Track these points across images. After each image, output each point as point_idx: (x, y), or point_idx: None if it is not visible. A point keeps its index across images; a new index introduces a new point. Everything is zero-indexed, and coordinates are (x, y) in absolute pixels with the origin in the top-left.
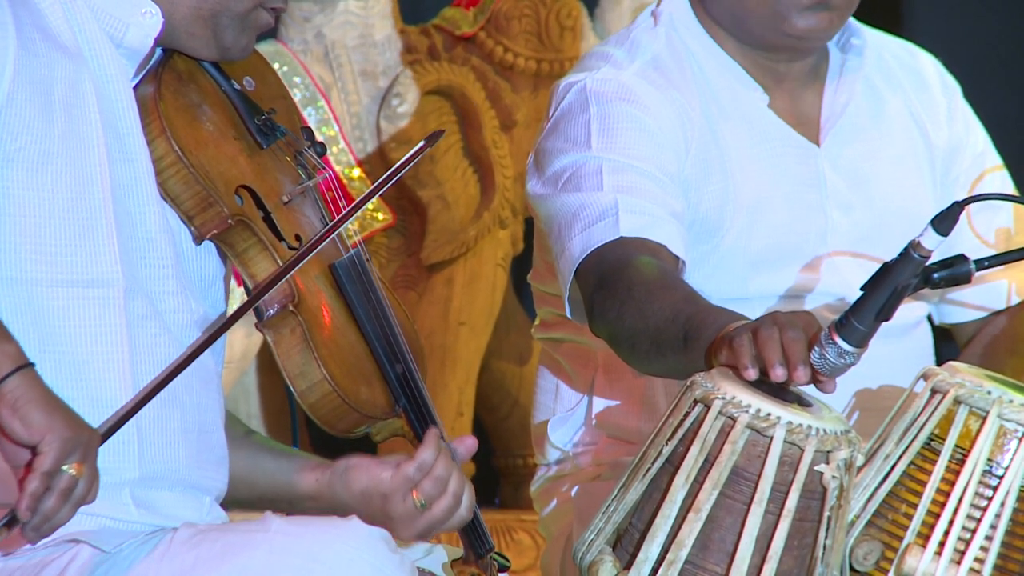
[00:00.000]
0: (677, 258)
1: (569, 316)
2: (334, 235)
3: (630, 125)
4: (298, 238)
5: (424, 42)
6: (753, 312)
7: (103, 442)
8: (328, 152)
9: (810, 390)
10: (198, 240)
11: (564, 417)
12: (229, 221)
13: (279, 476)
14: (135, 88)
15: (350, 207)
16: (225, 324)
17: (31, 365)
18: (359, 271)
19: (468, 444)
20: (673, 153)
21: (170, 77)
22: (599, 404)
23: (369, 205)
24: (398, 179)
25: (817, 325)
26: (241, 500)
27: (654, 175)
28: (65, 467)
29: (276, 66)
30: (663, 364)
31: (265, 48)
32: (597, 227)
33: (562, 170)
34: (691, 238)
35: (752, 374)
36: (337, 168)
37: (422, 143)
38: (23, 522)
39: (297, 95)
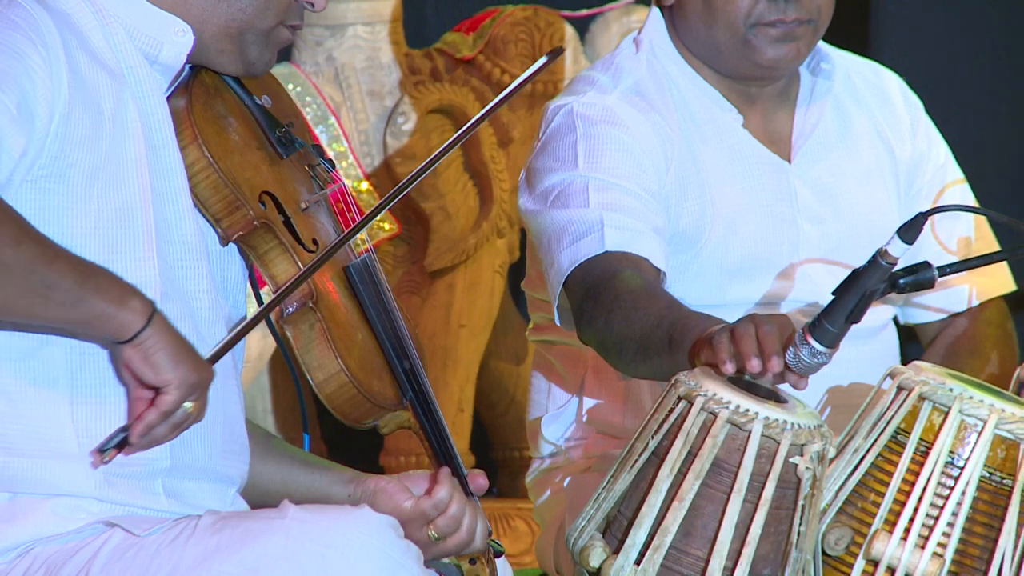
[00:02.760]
0: (658, 270)
1: (558, 323)
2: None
3: (614, 146)
4: (315, 242)
5: (427, 65)
6: (731, 318)
7: (217, 360)
8: (338, 166)
9: (785, 387)
10: (224, 242)
11: (556, 414)
12: (254, 223)
13: (315, 488)
14: (167, 100)
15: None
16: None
17: (156, 309)
18: (371, 273)
19: (480, 483)
20: (654, 171)
21: (200, 90)
22: (589, 402)
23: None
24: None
25: (792, 327)
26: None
27: (637, 193)
28: (185, 405)
29: (290, 87)
30: (649, 367)
31: (280, 70)
32: (584, 241)
33: (551, 187)
34: (672, 249)
35: (730, 368)
36: (346, 181)
37: (544, 59)
38: (131, 443)
39: (309, 113)
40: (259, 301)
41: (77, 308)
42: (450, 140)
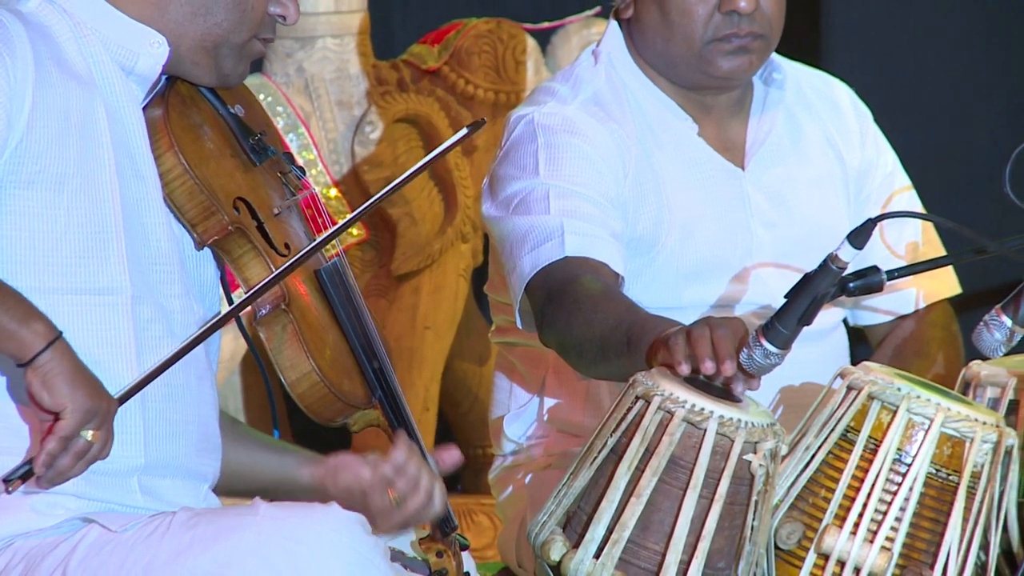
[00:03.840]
0: (617, 274)
1: (519, 326)
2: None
3: (573, 154)
4: (287, 246)
5: (394, 75)
6: (687, 320)
7: (120, 405)
8: (308, 174)
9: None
10: (199, 246)
11: (518, 413)
12: (229, 228)
13: (282, 471)
14: (143, 110)
15: (362, 207)
16: (229, 313)
17: (59, 338)
18: (341, 277)
19: (451, 456)
20: (612, 179)
21: (176, 100)
22: (549, 401)
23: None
24: (422, 169)
25: (745, 329)
26: (240, 490)
27: (595, 200)
28: (83, 433)
29: (261, 97)
30: (608, 367)
31: (251, 81)
32: (545, 247)
33: (513, 195)
34: (629, 253)
35: (684, 369)
36: (316, 188)
37: (465, 130)
38: (37, 475)
39: (280, 123)
40: (230, 303)
41: None
42: (379, 193)
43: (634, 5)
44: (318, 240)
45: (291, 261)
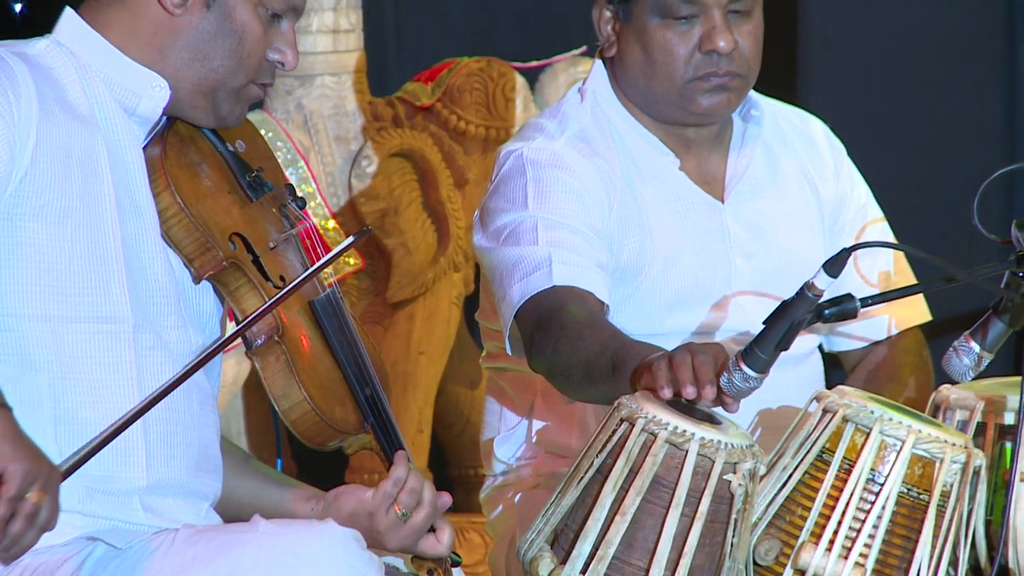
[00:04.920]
0: (602, 302)
1: (509, 352)
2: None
3: (560, 188)
4: (282, 279)
5: (389, 112)
6: (669, 346)
7: (74, 471)
8: (307, 206)
9: (718, 409)
10: (197, 280)
11: (508, 435)
12: (224, 263)
13: (282, 505)
14: (143, 149)
15: (316, 265)
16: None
17: (6, 408)
18: (334, 307)
19: (444, 500)
20: (598, 211)
21: (174, 140)
22: (538, 424)
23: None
24: (327, 264)
25: (726, 354)
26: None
27: (582, 231)
28: (27, 495)
29: (262, 132)
30: (594, 391)
31: (253, 117)
32: (534, 276)
33: (503, 226)
34: (614, 283)
35: (667, 393)
36: (315, 220)
37: (351, 238)
38: None
39: (280, 157)
40: (243, 336)
41: None
42: (293, 282)
43: (617, 44)
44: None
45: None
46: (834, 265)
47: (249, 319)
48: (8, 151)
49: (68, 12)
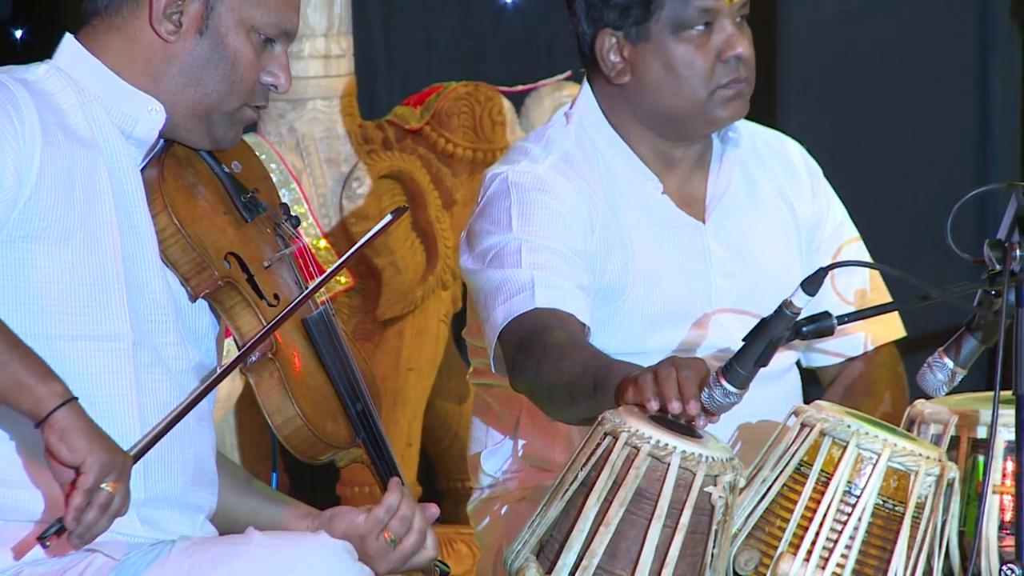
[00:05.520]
0: (583, 324)
1: (493, 371)
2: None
3: (544, 211)
4: (276, 296)
5: (379, 135)
6: (651, 362)
7: (133, 464)
8: (300, 225)
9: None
10: (193, 298)
11: (494, 449)
12: (219, 282)
13: (278, 521)
14: (142, 171)
15: (327, 272)
16: (231, 365)
17: (75, 399)
18: (327, 325)
19: (431, 512)
20: (581, 234)
21: (171, 162)
22: (523, 439)
23: None
24: (365, 246)
25: (707, 370)
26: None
27: (564, 254)
28: (103, 485)
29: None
30: (576, 410)
31: (247, 139)
32: (517, 299)
33: (488, 248)
34: (597, 302)
35: (654, 406)
36: (307, 239)
37: (388, 217)
38: (69, 531)
39: (274, 178)
40: (239, 348)
41: (0, 371)
42: (330, 269)
43: (631, 69)
44: (297, 299)
45: (280, 315)
46: (811, 284)
47: (261, 333)
48: (15, 177)
49: (67, 38)
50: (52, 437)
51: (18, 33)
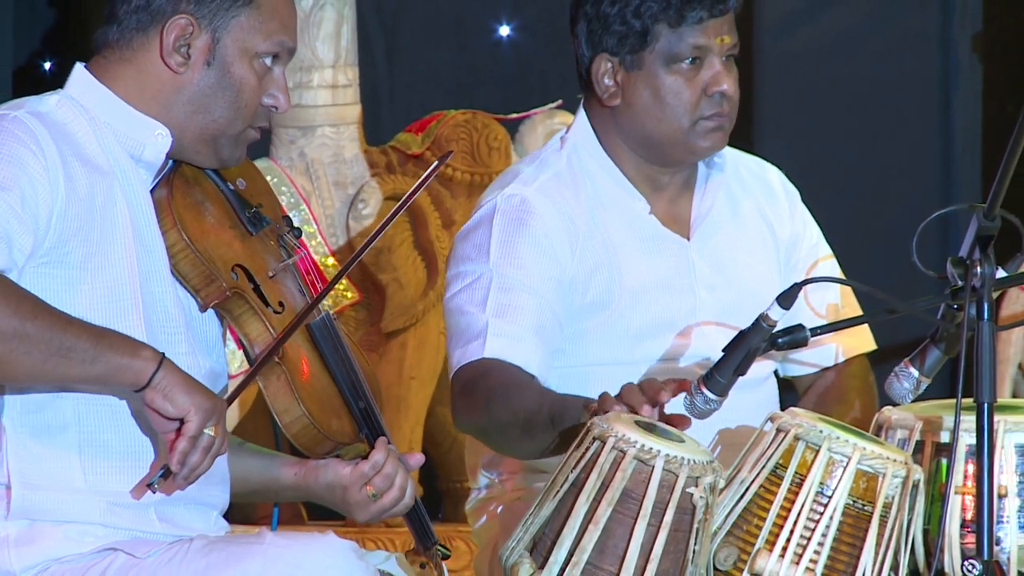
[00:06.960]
0: (531, 376)
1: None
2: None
3: (524, 241)
4: (281, 304)
5: (383, 159)
6: (638, 373)
7: (233, 400)
8: (308, 245)
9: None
10: (203, 309)
11: (491, 454)
12: (227, 293)
13: (267, 472)
14: (151, 191)
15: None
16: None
17: (163, 356)
18: (329, 330)
19: (416, 458)
20: (560, 260)
21: (179, 182)
22: None
23: (340, 286)
24: (411, 201)
25: (687, 379)
26: (237, 494)
27: (536, 288)
28: (206, 430)
29: (268, 178)
30: (532, 444)
31: (259, 164)
32: (471, 346)
33: (463, 273)
34: (584, 315)
35: (648, 411)
36: (316, 257)
37: (437, 163)
38: (174, 474)
39: (284, 200)
40: (247, 356)
41: (97, 364)
42: (392, 211)
43: (622, 93)
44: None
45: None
46: (786, 298)
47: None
48: (47, 219)
49: (78, 68)
50: (157, 398)
51: (47, 65)
